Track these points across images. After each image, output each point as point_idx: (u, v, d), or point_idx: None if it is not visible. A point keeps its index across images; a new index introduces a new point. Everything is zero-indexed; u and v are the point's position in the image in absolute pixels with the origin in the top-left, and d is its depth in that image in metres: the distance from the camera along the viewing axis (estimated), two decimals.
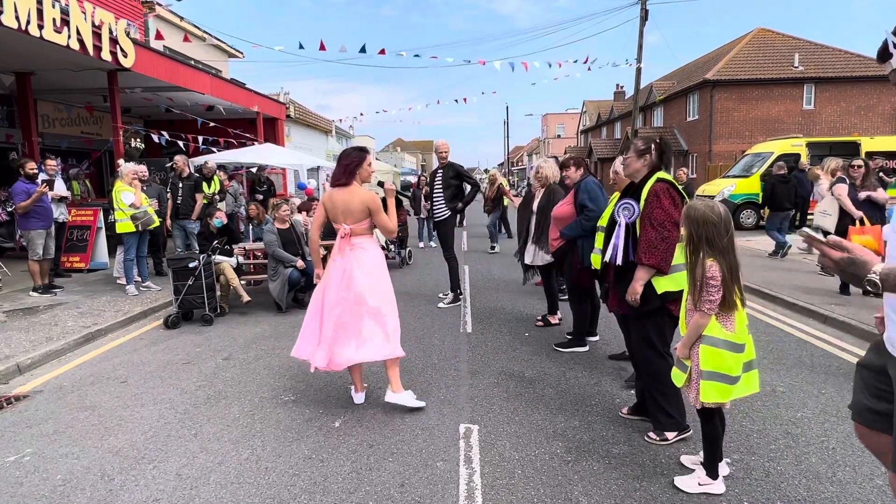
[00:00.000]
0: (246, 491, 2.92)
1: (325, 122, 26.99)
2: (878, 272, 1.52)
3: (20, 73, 9.58)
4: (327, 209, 3.90)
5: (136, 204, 7.46)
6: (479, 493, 2.86)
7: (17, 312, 6.60)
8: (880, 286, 1.52)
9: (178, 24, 16.54)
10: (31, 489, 2.99)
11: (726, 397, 2.67)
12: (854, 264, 1.56)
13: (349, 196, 3.81)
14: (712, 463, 2.82)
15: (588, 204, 4.75)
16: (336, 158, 4.96)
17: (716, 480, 2.81)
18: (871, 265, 1.54)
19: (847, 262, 1.57)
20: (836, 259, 1.59)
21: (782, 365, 4.66)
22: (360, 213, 3.83)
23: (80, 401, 4.20)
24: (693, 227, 2.65)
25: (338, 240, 3.88)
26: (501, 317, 6.43)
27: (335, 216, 3.87)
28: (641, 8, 21.54)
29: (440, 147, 7.07)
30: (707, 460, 2.83)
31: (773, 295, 6.95)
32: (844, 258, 1.57)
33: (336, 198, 3.83)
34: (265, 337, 5.81)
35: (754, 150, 16.94)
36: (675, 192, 3.22)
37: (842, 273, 1.61)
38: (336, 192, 3.85)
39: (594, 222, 4.69)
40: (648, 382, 3.35)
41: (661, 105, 30.69)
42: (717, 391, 2.65)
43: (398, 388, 3.86)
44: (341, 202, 3.82)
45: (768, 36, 27.56)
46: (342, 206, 3.81)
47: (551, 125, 66.19)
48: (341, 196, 3.82)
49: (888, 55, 1.70)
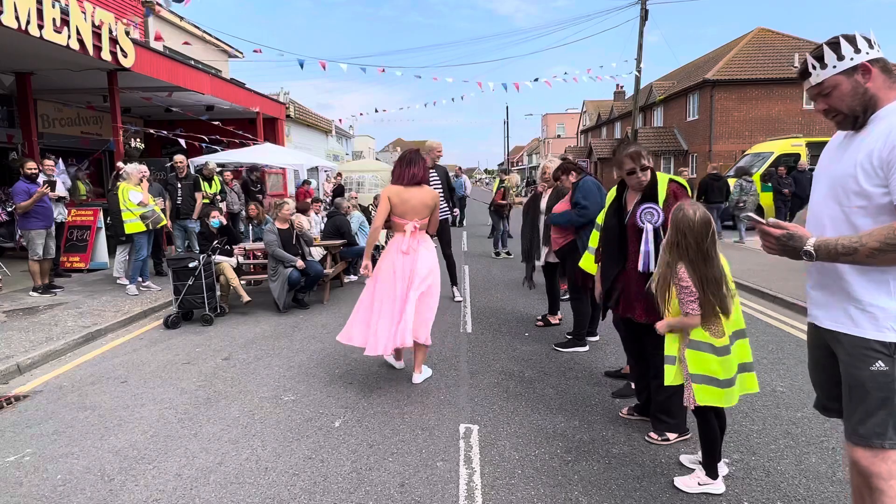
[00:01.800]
0: (246, 491, 2.92)
1: (325, 121, 26.99)
2: (812, 244, 1.80)
3: (20, 73, 9.57)
4: (394, 204, 4.18)
5: (145, 202, 7.46)
6: (479, 493, 2.86)
7: (17, 312, 6.60)
8: (815, 255, 1.80)
9: (179, 24, 16.54)
10: (31, 489, 2.99)
11: (720, 400, 2.67)
12: (792, 238, 1.84)
13: (423, 195, 4.22)
14: (711, 463, 2.82)
15: (581, 201, 4.80)
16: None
17: (715, 480, 2.81)
18: (807, 238, 1.82)
19: (787, 237, 1.85)
20: (777, 235, 1.86)
21: (782, 365, 4.66)
22: (426, 211, 4.26)
23: (80, 401, 4.20)
24: (673, 230, 2.68)
25: (407, 235, 4.21)
26: (501, 317, 6.43)
27: (404, 212, 4.19)
28: (641, 8, 21.54)
29: (436, 147, 6.93)
30: (706, 460, 2.84)
31: (773, 295, 6.95)
32: (784, 234, 1.85)
33: (408, 195, 4.18)
34: (265, 337, 5.81)
35: (754, 150, 16.92)
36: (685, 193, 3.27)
37: (782, 248, 1.86)
38: (408, 191, 4.19)
39: (585, 219, 4.73)
40: (659, 385, 3.30)
41: (661, 105, 30.68)
42: (708, 394, 2.67)
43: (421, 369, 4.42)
44: (417, 200, 4.20)
45: (768, 36, 27.55)
46: (416, 203, 4.20)
47: (551, 125, 66.22)
48: (416, 194, 4.20)
49: (808, 74, 1.95)
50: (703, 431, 2.81)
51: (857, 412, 1.87)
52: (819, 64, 1.92)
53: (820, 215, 1.98)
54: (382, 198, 4.21)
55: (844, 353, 1.91)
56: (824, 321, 1.98)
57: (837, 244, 1.78)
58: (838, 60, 1.87)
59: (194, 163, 10.62)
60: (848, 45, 1.86)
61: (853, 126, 1.93)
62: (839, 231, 1.87)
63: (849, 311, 1.88)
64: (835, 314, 1.93)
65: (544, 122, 68.03)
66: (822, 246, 1.80)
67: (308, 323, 6.34)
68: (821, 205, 1.99)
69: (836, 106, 1.91)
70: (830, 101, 1.92)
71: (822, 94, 1.94)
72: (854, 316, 1.87)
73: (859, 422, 1.87)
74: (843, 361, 1.92)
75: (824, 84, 1.92)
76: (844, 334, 1.90)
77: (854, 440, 1.90)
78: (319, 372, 4.70)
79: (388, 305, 4.16)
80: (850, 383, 1.89)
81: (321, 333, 5.90)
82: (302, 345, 5.50)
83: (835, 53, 1.88)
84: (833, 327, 1.94)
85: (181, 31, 16.61)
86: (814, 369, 2.16)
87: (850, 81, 1.87)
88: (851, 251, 1.75)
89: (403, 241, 4.21)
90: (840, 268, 1.88)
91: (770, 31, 27.99)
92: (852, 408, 1.89)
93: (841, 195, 1.88)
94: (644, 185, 3.30)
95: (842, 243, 1.77)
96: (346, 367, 4.82)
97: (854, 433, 1.89)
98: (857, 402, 1.88)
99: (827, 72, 1.90)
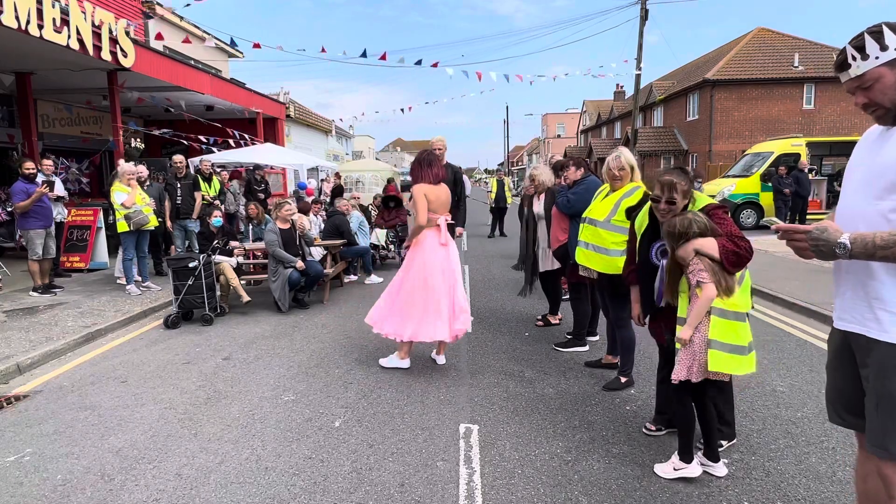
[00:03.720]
0: (246, 491, 2.92)
1: (325, 121, 26.98)
2: (847, 237, 1.70)
3: (20, 73, 9.57)
4: (430, 200, 4.49)
5: (127, 204, 7.43)
6: (479, 492, 2.86)
7: (17, 312, 6.60)
8: (850, 248, 1.70)
9: (179, 24, 16.53)
10: (31, 489, 2.99)
11: (734, 367, 2.71)
12: (826, 231, 1.74)
13: (445, 192, 4.63)
14: (685, 447, 2.90)
15: (572, 196, 4.86)
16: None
17: (690, 464, 2.88)
18: (841, 232, 1.72)
19: (820, 229, 1.75)
20: (809, 230, 1.77)
21: (782, 365, 4.66)
22: (448, 206, 4.67)
23: (80, 401, 4.20)
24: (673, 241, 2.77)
25: (443, 228, 4.58)
26: (501, 317, 6.43)
27: (437, 208, 4.53)
28: (641, 8, 21.53)
29: (435, 144, 6.49)
30: (680, 442, 2.92)
31: (773, 295, 6.95)
32: (817, 227, 1.76)
33: (438, 193, 4.54)
34: (265, 337, 5.81)
35: (754, 150, 16.92)
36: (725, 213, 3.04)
37: (815, 243, 1.76)
38: (437, 189, 4.54)
39: (570, 211, 4.86)
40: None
41: (661, 105, 30.69)
42: (725, 361, 2.69)
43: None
44: (445, 196, 4.60)
45: (768, 36, 27.56)
46: (444, 199, 4.59)
47: (551, 125, 66.18)
48: (442, 191, 4.59)
49: (847, 65, 1.81)
50: (678, 411, 2.88)
51: (887, 425, 1.74)
52: (860, 54, 1.76)
53: (853, 211, 1.85)
54: (419, 196, 4.47)
55: (872, 361, 1.78)
56: (850, 325, 1.86)
57: (875, 237, 1.67)
58: (881, 51, 1.71)
59: (193, 162, 10.62)
60: (892, 34, 1.70)
61: (894, 122, 1.79)
62: (873, 227, 1.74)
63: (878, 315, 1.76)
64: (862, 318, 1.81)
65: (544, 122, 67.97)
66: (858, 239, 1.69)
67: (308, 323, 6.34)
68: (854, 200, 1.86)
69: (878, 100, 1.77)
70: (871, 94, 1.78)
71: (861, 87, 1.79)
72: (883, 320, 1.75)
73: (886, 434, 1.74)
74: (871, 369, 1.79)
75: (865, 77, 1.77)
76: (873, 340, 1.77)
77: (881, 455, 1.77)
78: (319, 372, 4.70)
79: (445, 299, 4.50)
80: (879, 393, 1.76)
81: (321, 333, 5.90)
82: (302, 345, 5.50)
83: (878, 43, 1.72)
84: (860, 331, 1.82)
85: (181, 31, 16.60)
86: (833, 375, 2.03)
87: (893, 73, 1.73)
88: (891, 244, 1.65)
89: (440, 234, 4.57)
90: (872, 268, 1.76)
91: (770, 30, 27.99)
92: (879, 420, 1.76)
93: (879, 189, 1.75)
94: (667, 218, 2.94)
95: (880, 236, 1.67)
96: (346, 367, 4.82)
97: (882, 447, 1.76)
98: (885, 415, 1.74)
99: (868, 63, 1.74)
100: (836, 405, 2.03)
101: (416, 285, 4.53)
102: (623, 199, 4.02)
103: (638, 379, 4.27)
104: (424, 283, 4.51)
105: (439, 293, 4.48)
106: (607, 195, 4.20)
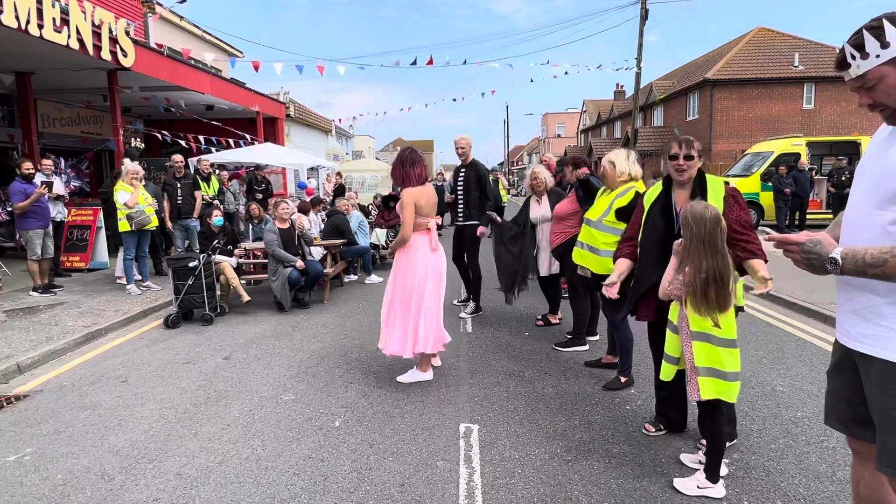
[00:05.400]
0: (246, 490, 2.92)
1: (325, 121, 26.96)
2: (839, 252, 1.63)
3: (20, 73, 9.57)
4: (419, 206, 4.23)
5: (130, 203, 7.44)
6: (479, 492, 2.86)
7: (17, 312, 6.60)
8: (841, 264, 1.62)
9: (179, 24, 16.53)
10: (31, 489, 2.99)
11: (725, 393, 2.66)
12: (820, 244, 1.66)
13: (431, 192, 4.35)
14: (713, 466, 2.77)
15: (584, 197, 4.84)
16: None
17: (716, 484, 2.75)
18: (834, 246, 1.65)
19: (814, 242, 1.67)
20: (802, 241, 1.70)
21: (782, 365, 4.66)
22: (435, 207, 4.38)
23: (80, 400, 4.20)
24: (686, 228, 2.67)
25: (433, 232, 4.32)
26: (501, 317, 6.43)
27: (427, 212, 4.28)
28: (641, 7, 21.53)
29: (458, 143, 6.28)
30: (708, 462, 2.79)
31: (773, 295, 6.94)
32: (811, 239, 1.68)
33: (426, 194, 4.27)
34: (265, 337, 5.81)
35: (754, 150, 16.92)
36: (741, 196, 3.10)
37: (807, 256, 1.69)
38: (425, 191, 4.27)
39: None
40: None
41: (661, 104, 30.67)
42: (715, 387, 2.66)
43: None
44: (432, 197, 4.33)
45: (768, 35, 27.54)
46: (433, 201, 4.32)
47: (551, 124, 66.15)
48: (431, 193, 4.33)
49: (846, 64, 1.71)
50: (709, 430, 2.76)
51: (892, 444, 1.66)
52: (859, 53, 1.64)
53: (856, 220, 1.77)
54: (408, 204, 4.16)
55: (872, 377, 1.72)
56: (849, 340, 1.79)
57: (867, 254, 1.58)
58: (882, 48, 1.59)
59: (193, 162, 10.62)
60: (893, 29, 1.56)
61: None
62: (874, 238, 1.65)
63: (877, 331, 1.69)
64: (861, 333, 1.74)
65: (544, 122, 67.94)
66: (849, 255, 1.60)
67: (308, 323, 6.34)
68: (859, 207, 1.76)
69: (882, 101, 1.65)
70: (875, 94, 1.66)
71: (864, 87, 1.67)
72: (882, 337, 1.67)
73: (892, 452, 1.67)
74: (872, 387, 1.73)
75: (867, 76, 1.65)
76: (871, 357, 1.71)
77: (890, 473, 1.70)
78: (319, 372, 4.70)
79: (434, 306, 4.31)
80: (880, 411, 1.70)
81: (321, 333, 5.90)
82: (302, 344, 5.50)
83: (878, 41, 1.59)
84: (857, 348, 1.75)
85: (181, 31, 16.60)
86: (834, 383, 1.98)
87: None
88: (880, 262, 1.55)
89: (431, 239, 4.32)
90: (872, 282, 1.66)
91: (770, 30, 27.98)
92: (886, 438, 1.69)
93: (880, 199, 1.66)
94: (685, 177, 3.06)
95: (871, 253, 1.57)
96: (346, 366, 4.82)
97: (891, 467, 1.69)
98: (887, 434, 1.68)
99: (869, 62, 1.62)
100: (833, 410, 2.00)
101: (408, 296, 4.28)
102: (616, 200, 4.02)
103: (638, 379, 4.27)
104: (419, 291, 4.27)
105: (430, 301, 4.28)
106: (603, 194, 4.23)
